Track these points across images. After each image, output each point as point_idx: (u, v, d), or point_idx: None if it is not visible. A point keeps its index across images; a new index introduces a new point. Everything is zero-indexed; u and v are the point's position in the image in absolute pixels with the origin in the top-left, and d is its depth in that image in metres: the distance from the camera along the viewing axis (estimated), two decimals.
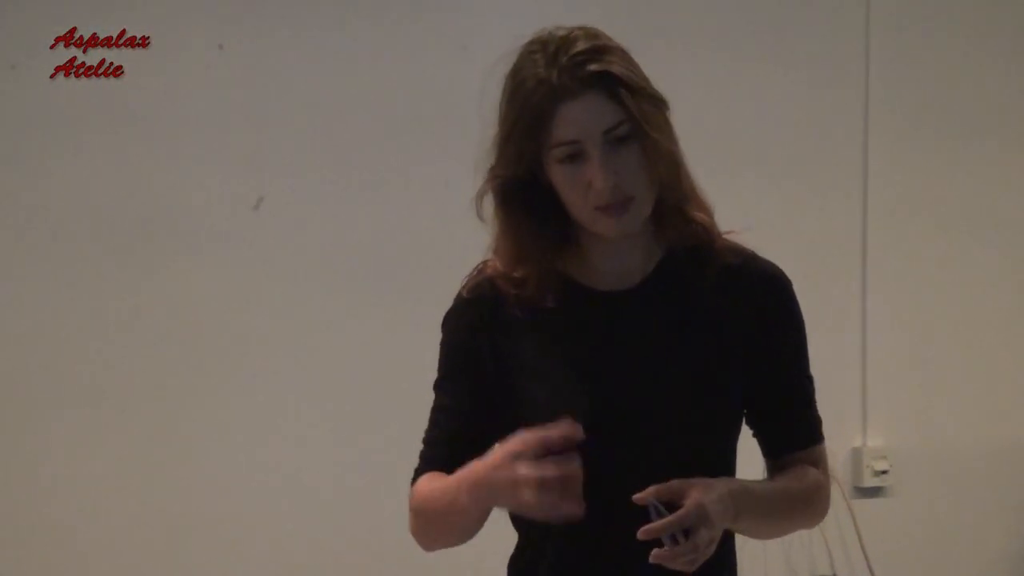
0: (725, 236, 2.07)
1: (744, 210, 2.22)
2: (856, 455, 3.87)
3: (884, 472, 3.86)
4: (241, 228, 3.40)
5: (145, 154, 3.35)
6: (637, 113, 1.92)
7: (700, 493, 1.85)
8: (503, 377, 2.03)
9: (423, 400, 2.10)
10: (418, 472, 2.08)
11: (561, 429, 1.84)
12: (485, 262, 2.07)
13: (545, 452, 1.83)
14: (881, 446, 3.88)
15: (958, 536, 3.95)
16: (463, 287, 2.07)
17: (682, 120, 2.00)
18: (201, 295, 3.39)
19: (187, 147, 3.37)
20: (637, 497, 1.85)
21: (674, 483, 1.87)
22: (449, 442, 2.05)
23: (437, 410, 2.09)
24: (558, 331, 2.02)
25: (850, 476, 3.86)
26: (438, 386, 2.09)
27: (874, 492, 3.88)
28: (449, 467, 2.00)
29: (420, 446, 2.10)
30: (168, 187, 3.37)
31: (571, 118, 1.92)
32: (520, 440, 1.85)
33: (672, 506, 1.84)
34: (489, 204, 2.02)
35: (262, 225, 3.42)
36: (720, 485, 1.90)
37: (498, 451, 1.89)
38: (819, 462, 2.11)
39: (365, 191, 3.47)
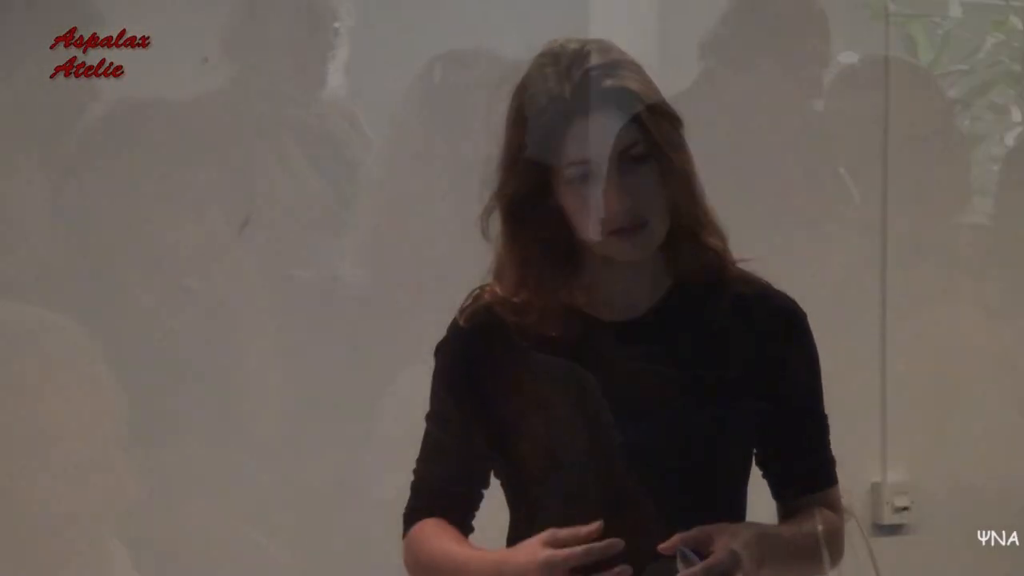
0: (738, 263, 2.02)
1: (756, 236, 2.14)
2: (875, 490, 3.80)
3: (905, 509, 3.79)
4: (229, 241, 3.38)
5: (141, 156, 3.33)
6: (654, 132, 1.90)
7: (729, 539, 1.84)
8: (502, 408, 1.98)
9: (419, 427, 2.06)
10: (414, 510, 2.04)
11: (605, 544, 1.82)
12: (482, 288, 2.02)
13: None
14: (902, 481, 3.81)
15: None
16: (459, 315, 2.02)
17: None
18: (184, 312, 3.35)
19: (179, 158, 3.36)
20: (664, 547, 1.83)
21: (699, 529, 1.85)
22: (445, 479, 2.03)
23: (431, 443, 2.04)
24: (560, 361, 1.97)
25: (869, 513, 3.80)
26: (432, 418, 2.05)
27: (894, 530, 3.82)
28: (446, 506, 2.00)
29: (411, 475, 2.06)
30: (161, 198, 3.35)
31: (584, 136, 1.89)
32: (554, 547, 1.83)
33: (699, 552, 1.83)
34: (494, 224, 1.98)
35: (250, 240, 3.38)
36: (745, 530, 1.88)
37: (529, 555, 1.85)
38: (833, 506, 2.07)
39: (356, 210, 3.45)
